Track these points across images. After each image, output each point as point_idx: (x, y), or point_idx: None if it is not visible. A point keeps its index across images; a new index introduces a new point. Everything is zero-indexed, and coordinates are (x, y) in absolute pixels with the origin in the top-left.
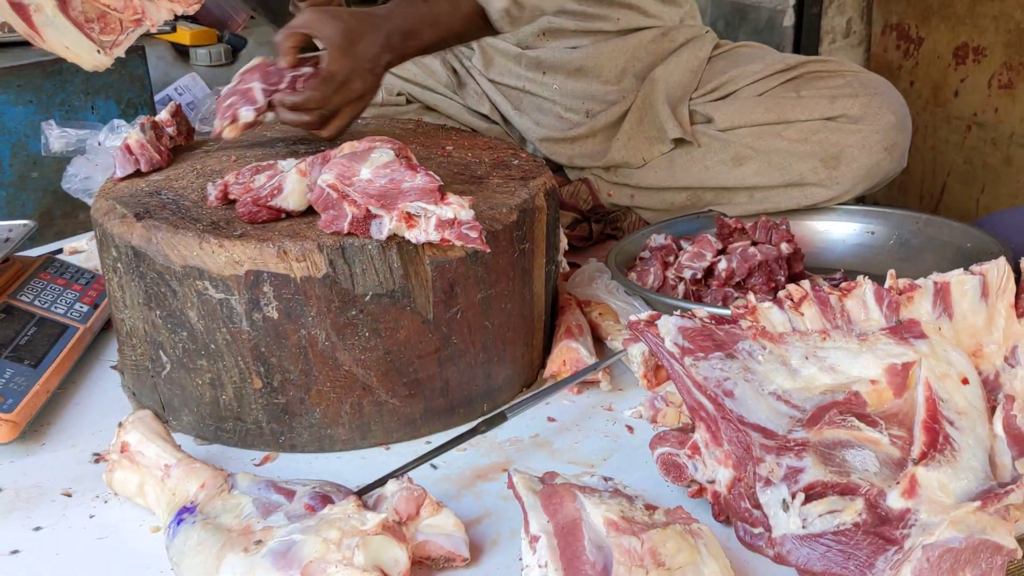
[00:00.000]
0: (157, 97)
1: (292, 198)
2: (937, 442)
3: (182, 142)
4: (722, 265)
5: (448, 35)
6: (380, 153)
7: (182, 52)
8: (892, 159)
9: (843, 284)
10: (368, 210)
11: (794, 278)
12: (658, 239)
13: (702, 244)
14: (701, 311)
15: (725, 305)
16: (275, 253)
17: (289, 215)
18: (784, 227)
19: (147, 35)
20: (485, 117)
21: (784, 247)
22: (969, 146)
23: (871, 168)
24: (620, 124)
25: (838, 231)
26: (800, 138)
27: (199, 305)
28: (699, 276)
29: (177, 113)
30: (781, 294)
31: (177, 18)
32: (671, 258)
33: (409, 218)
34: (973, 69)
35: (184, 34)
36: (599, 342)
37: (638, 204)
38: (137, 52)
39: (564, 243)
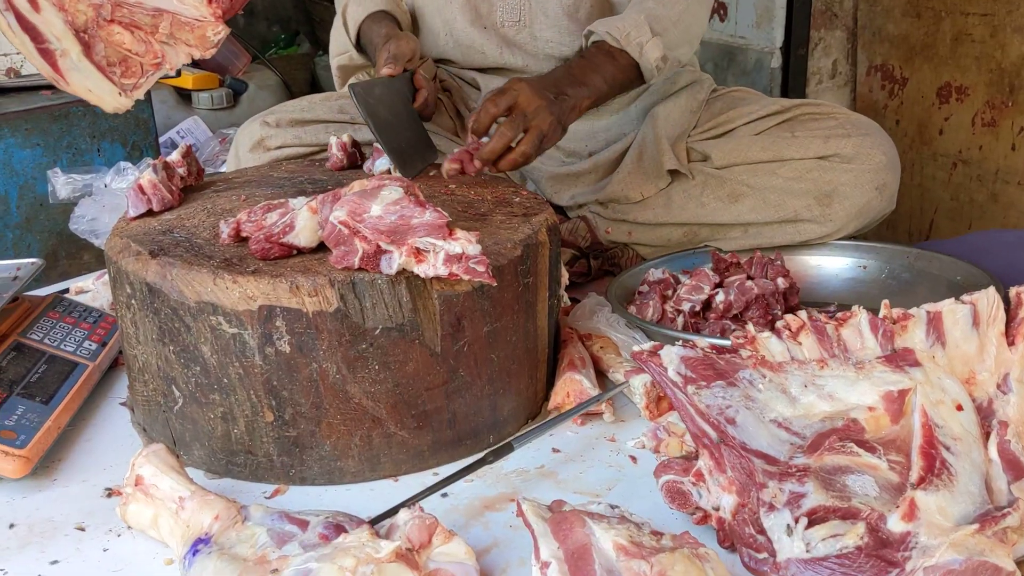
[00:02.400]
0: (160, 140)
1: (304, 235)
2: (934, 467)
3: (192, 182)
4: (720, 298)
5: (614, 83)
6: (390, 191)
7: (184, 96)
8: (883, 198)
9: (839, 314)
10: (379, 246)
11: (790, 311)
12: (656, 273)
13: (699, 278)
14: (702, 341)
15: (724, 337)
16: (288, 288)
17: (300, 251)
18: (779, 262)
19: None
20: None
21: (780, 282)
22: (955, 183)
23: (863, 206)
24: (620, 161)
25: (831, 266)
26: (795, 176)
27: (212, 340)
28: (697, 309)
29: (188, 154)
30: (779, 324)
31: None
32: (669, 291)
33: (418, 253)
34: (957, 108)
35: (187, 78)
36: (601, 375)
37: (636, 240)
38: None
39: (565, 278)
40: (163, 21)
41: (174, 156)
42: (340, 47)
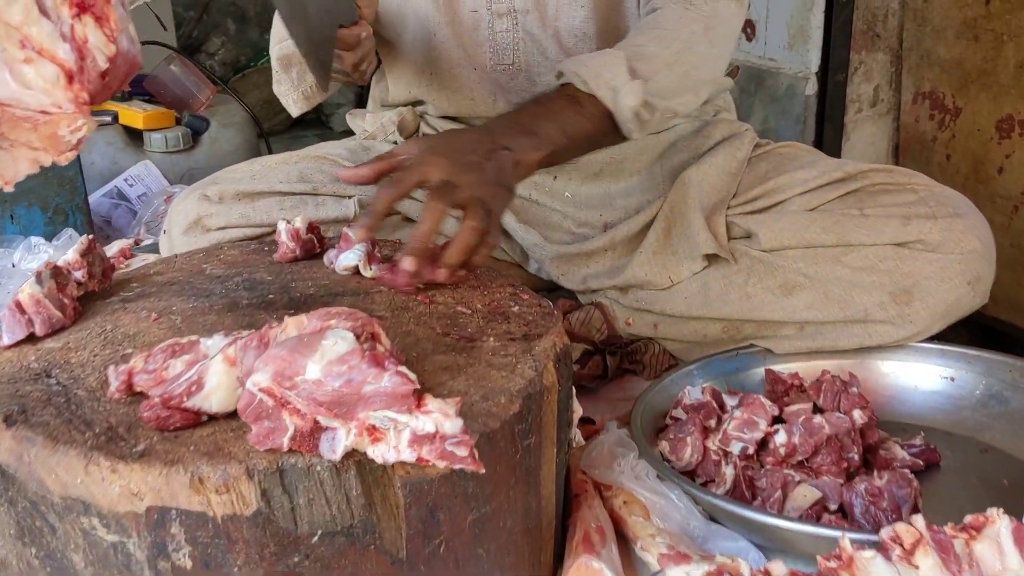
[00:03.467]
0: (102, 190)
1: (216, 396)
2: None
3: (95, 287)
4: (780, 439)
5: (576, 135)
6: (334, 340)
7: (135, 135)
8: (975, 294)
9: (969, 521)
10: (316, 421)
11: (868, 452)
12: (694, 393)
13: (754, 409)
14: (777, 569)
15: (785, 493)
16: (187, 481)
17: (213, 417)
18: (855, 389)
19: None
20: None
21: (857, 415)
22: (1017, 228)
23: (951, 305)
24: (643, 236)
25: (909, 376)
26: (865, 266)
27: (86, 547)
28: (751, 451)
29: (89, 251)
30: (885, 534)
31: (128, 96)
32: (712, 421)
33: (373, 431)
34: (1020, 143)
35: (136, 116)
36: (625, 542)
37: (663, 335)
38: None
39: (579, 411)
40: None
41: (69, 256)
42: (282, 34)
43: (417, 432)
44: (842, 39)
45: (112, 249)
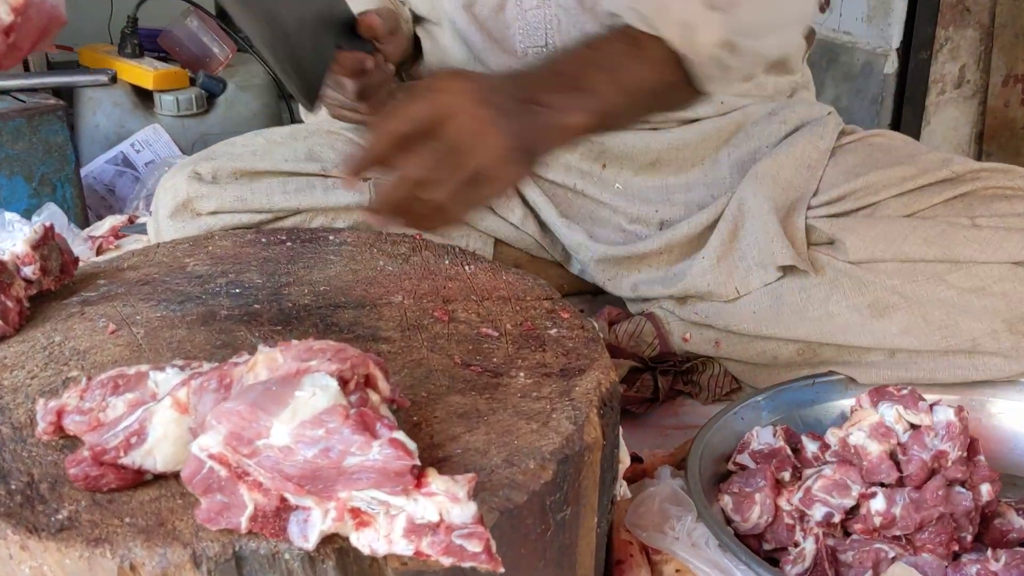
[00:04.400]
0: (106, 156)
1: (161, 451)
2: None
3: (51, 285)
4: (878, 505)
5: (638, 91)
6: (311, 391)
7: (145, 96)
8: None
9: None
10: (283, 499)
11: (983, 519)
12: (764, 436)
13: (846, 471)
14: None
15: (875, 572)
16: (114, 569)
17: (159, 476)
18: (981, 459)
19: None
20: (514, 227)
21: (985, 491)
22: None
23: None
24: (705, 238)
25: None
26: (975, 287)
27: None
28: (837, 519)
29: (44, 241)
30: None
31: (139, 52)
32: (786, 473)
33: (358, 514)
34: None
35: (147, 75)
36: None
37: (725, 354)
38: (55, 111)
39: (625, 462)
40: None
41: (19, 248)
42: None
43: (415, 520)
44: (928, 12)
45: (102, 227)
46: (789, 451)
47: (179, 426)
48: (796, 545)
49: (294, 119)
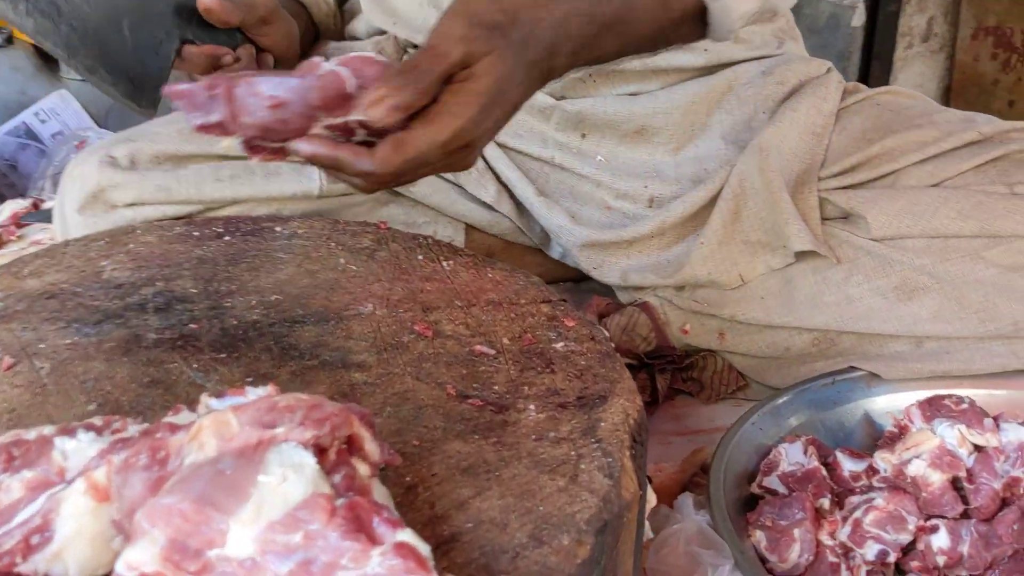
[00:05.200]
0: (6, 127)
1: (74, 554)
2: None
3: None
4: (940, 542)
5: (631, 9)
6: (280, 473)
7: (50, 59)
8: None
9: None
10: None
11: None
12: (794, 455)
13: (900, 500)
14: None
15: None
16: None
17: None
18: None
19: None
20: (488, 209)
21: None
22: None
23: None
24: (702, 219)
25: None
26: (1018, 264)
27: None
28: (892, 559)
29: None
30: None
31: None
32: (824, 500)
33: None
34: None
35: None
36: None
37: (731, 347)
38: None
39: (652, 502)
40: None
41: None
42: None
43: None
44: None
45: (2, 214)
46: (825, 472)
47: (97, 519)
48: None
49: None
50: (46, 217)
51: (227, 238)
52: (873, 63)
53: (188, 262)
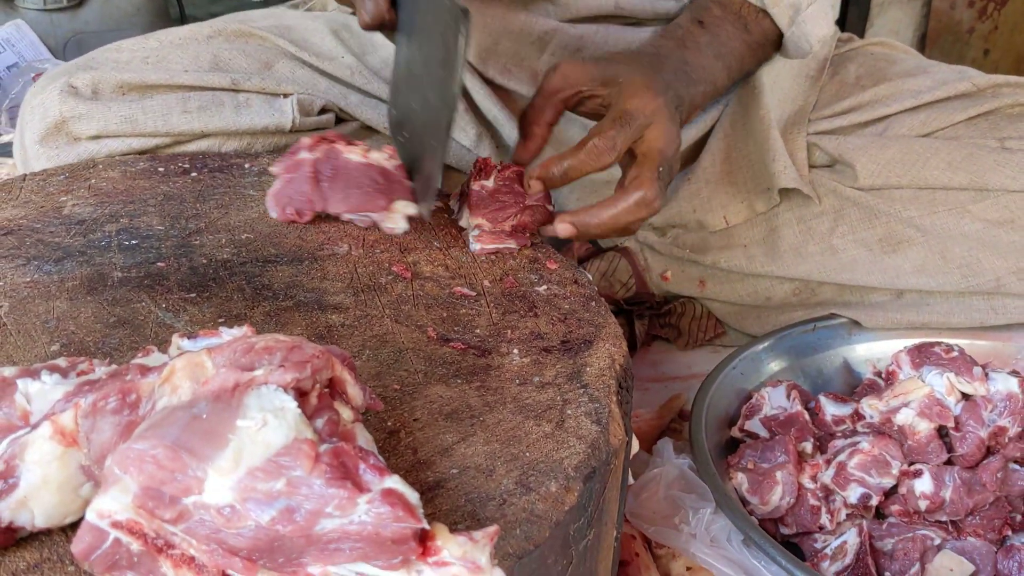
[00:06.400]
0: None
1: (40, 501)
2: None
3: None
4: (923, 487)
5: (739, 71)
6: (260, 417)
7: None
8: None
9: None
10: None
11: None
12: (776, 399)
13: (885, 445)
14: None
15: (923, 565)
16: None
17: (40, 532)
18: None
19: None
20: (466, 150)
21: None
22: None
23: None
24: (693, 158)
25: None
26: (1003, 219)
27: None
28: (874, 502)
29: None
30: None
31: None
32: (807, 444)
33: None
34: None
35: None
36: None
37: (711, 295)
38: None
39: (635, 448)
40: None
41: None
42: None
43: None
44: None
45: None
46: (807, 416)
47: (64, 465)
48: (821, 529)
49: (184, 16)
50: (5, 151)
51: (194, 174)
52: (851, 9)
53: (153, 198)
